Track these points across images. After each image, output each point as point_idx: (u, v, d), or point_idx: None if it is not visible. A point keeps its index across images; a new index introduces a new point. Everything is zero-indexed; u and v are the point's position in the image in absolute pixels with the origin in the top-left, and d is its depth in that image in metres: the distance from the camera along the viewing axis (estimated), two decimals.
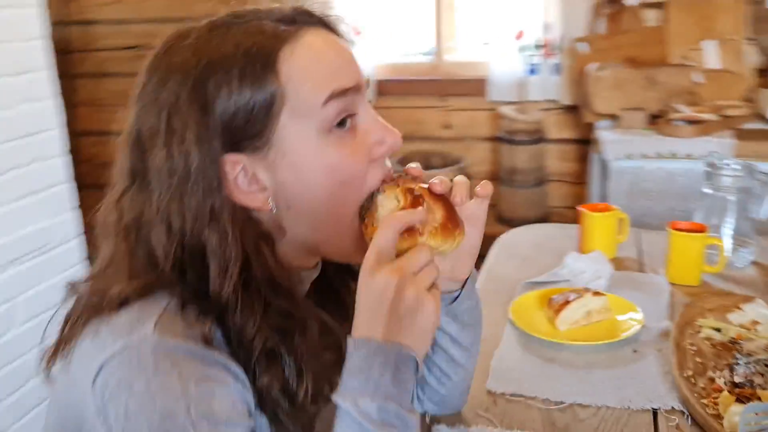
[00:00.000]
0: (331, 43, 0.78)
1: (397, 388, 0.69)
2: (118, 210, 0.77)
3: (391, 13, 3.49)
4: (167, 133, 0.73)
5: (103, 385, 0.66)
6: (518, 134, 2.98)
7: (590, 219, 1.68)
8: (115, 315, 0.70)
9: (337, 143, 0.75)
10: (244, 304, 0.72)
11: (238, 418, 0.67)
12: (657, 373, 1.19)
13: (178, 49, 0.75)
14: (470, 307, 0.96)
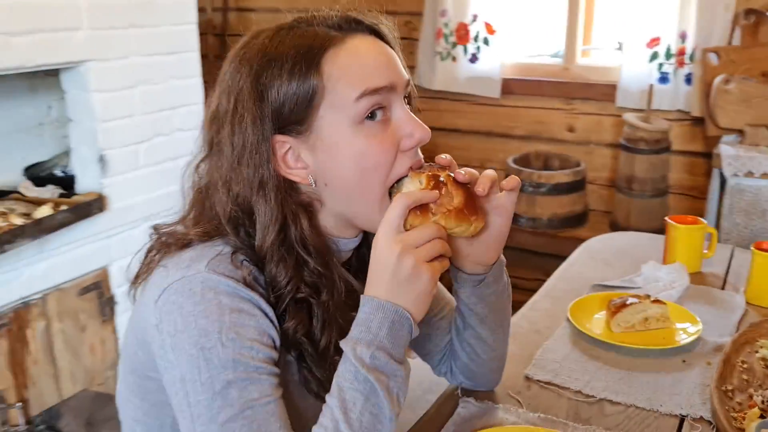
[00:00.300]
0: (371, 47, 0.90)
1: (391, 341, 0.81)
2: (197, 173, 0.95)
3: (524, 14, 3.52)
4: (233, 114, 0.89)
5: (162, 304, 0.83)
6: (639, 142, 2.93)
7: (675, 230, 1.67)
8: (180, 253, 0.88)
9: (368, 134, 0.87)
10: (279, 258, 0.87)
11: (260, 345, 0.82)
12: (698, 384, 1.21)
13: (251, 45, 0.91)
14: (497, 291, 1.04)
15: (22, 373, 1.93)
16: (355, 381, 0.80)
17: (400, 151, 0.90)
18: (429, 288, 0.83)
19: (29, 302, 1.95)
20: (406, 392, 0.83)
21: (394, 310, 0.81)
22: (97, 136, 2.11)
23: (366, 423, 0.79)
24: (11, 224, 1.82)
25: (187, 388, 0.79)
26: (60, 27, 1.93)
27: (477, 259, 1.00)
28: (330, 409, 0.80)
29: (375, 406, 0.79)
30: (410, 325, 0.82)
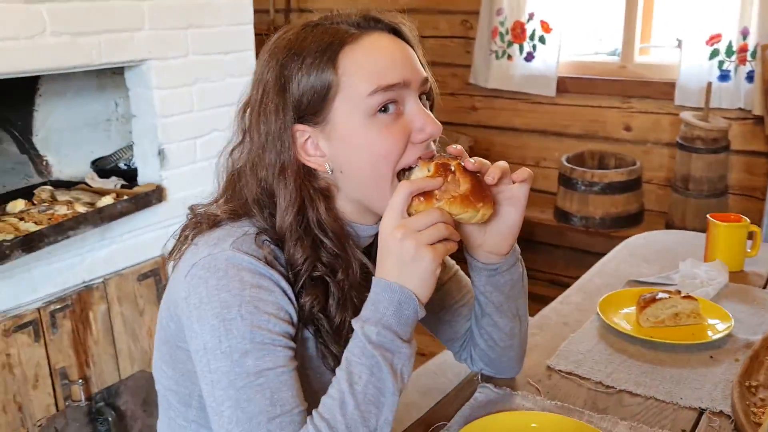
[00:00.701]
0: (388, 44, 0.95)
1: (397, 320, 0.86)
2: (231, 158, 1.02)
3: (581, 12, 3.49)
4: (260, 103, 0.96)
5: (190, 278, 0.90)
6: (696, 141, 2.87)
7: (716, 228, 1.66)
8: (210, 232, 0.95)
9: (379, 125, 0.93)
10: (297, 238, 0.93)
11: (276, 319, 0.88)
12: (723, 380, 1.21)
13: (280, 40, 0.97)
14: (512, 280, 1.07)
15: (84, 352, 2.06)
16: (362, 356, 0.85)
17: (411, 143, 0.94)
18: (431, 268, 0.87)
19: (91, 286, 2.07)
20: (411, 369, 0.88)
21: (400, 291, 0.86)
22: (157, 131, 2.22)
23: (370, 395, 0.84)
24: (75, 212, 1.95)
25: (208, 356, 0.86)
26: (124, 28, 2.05)
27: (491, 249, 1.03)
28: (338, 381, 0.85)
29: (379, 380, 0.84)
30: (416, 306, 0.87)
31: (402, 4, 4.13)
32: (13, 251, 1.71)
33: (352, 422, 0.83)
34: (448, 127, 4.03)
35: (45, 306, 1.95)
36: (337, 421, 0.83)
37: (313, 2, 4.21)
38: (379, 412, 0.84)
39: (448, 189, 0.91)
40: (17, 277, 1.91)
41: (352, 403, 0.83)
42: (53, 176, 2.28)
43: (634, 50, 3.34)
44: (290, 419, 0.84)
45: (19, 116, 2.20)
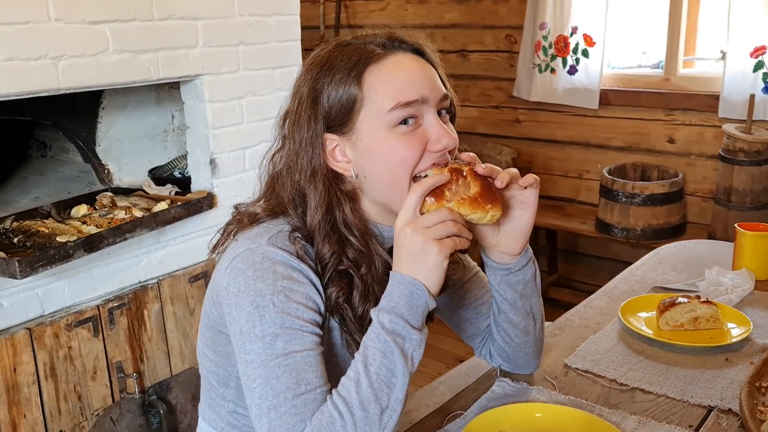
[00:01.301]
0: (410, 64, 1.04)
1: (409, 309, 0.95)
2: (272, 162, 1.13)
3: (625, 26, 3.52)
4: (295, 113, 1.06)
5: (230, 270, 1.01)
6: (738, 153, 2.87)
7: (743, 237, 1.69)
8: (249, 228, 1.06)
9: (399, 136, 1.02)
10: (325, 235, 1.04)
11: (305, 307, 0.98)
12: (736, 381, 1.25)
13: (316, 56, 1.08)
14: (524, 279, 1.15)
15: (138, 347, 2.20)
16: (376, 341, 0.94)
17: (427, 151, 1.03)
18: (439, 261, 0.95)
19: (147, 286, 2.22)
20: (421, 354, 0.96)
21: (412, 282, 0.95)
22: (209, 142, 2.36)
23: (383, 376, 0.93)
24: (133, 216, 2.10)
25: (244, 338, 0.96)
26: (180, 45, 2.19)
27: (504, 250, 1.11)
28: (355, 363, 0.95)
29: (391, 362, 0.93)
30: (426, 296, 0.95)
31: (448, 20, 4.25)
32: (76, 251, 1.86)
33: (365, 399, 0.91)
34: (493, 139, 4.12)
35: (104, 303, 2.09)
36: (352, 398, 0.91)
37: (362, 18, 4.34)
38: (390, 391, 0.93)
39: (458, 191, 0.99)
40: (79, 276, 2.07)
41: (366, 382, 0.92)
42: (114, 184, 2.44)
43: (677, 63, 3.36)
44: (313, 397, 0.94)
45: (84, 128, 2.36)
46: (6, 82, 1.78)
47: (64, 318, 1.99)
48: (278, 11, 2.54)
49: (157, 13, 2.11)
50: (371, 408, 0.91)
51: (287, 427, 0.92)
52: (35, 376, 1.93)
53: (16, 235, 1.98)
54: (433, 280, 0.96)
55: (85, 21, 1.93)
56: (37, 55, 1.84)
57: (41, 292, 1.98)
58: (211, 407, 1.21)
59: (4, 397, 1.86)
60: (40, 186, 2.43)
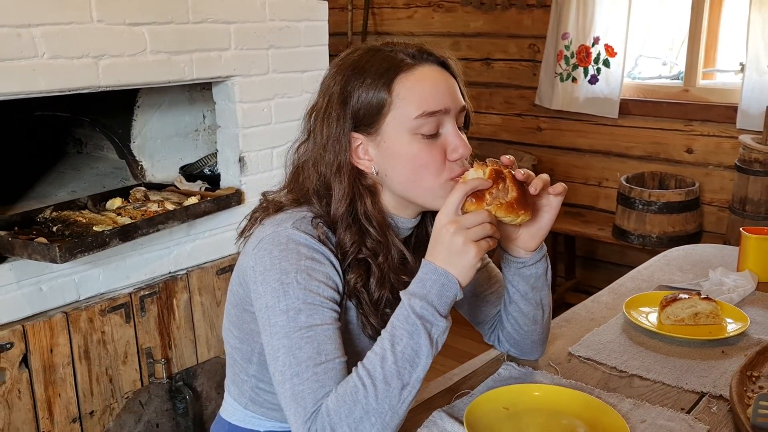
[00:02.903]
0: (436, 76, 1.12)
1: (439, 298, 1.02)
2: (297, 153, 1.22)
3: (646, 37, 3.58)
4: (325, 110, 1.14)
5: (257, 250, 1.10)
6: (753, 164, 2.92)
7: (747, 240, 1.75)
8: (275, 214, 1.15)
9: (421, 142, 1.10)
10: (347, 226, 1.12)
11: (325, 285, 1.07)
12: (729, 371, 1.31)
13: (347, 58, 1.16)
14: (537, 273, 1.23)
15: (167, 335, 2.31)
16: (405, 322, 1.01)
17: (447, 160, 1.12)
18: (474, 262, 1.03)
19: (176, 276, 2.33)
20: (444, 339, 1.03)
21: (445, 275, 1.02)
22: (239, 141, 2.47)
23: (407, 355, 1.00)
24: (165, 209, 2.21)
25: (269, 312, 1.05)
26: (213, 48, 2.31)
27: (521, 245, 1.20)
28: (381, 340, 1.02)
29: (417, 343, 1.00)
30: (456, 289, 1.03)
31: (473, 29, 4.34)
32: (112, 240, 1.97)
33: (389, 374, 0.99)
34: (515, 146, 4.20)
35: (135, 291, 2.21)
36: (377, 372, 0.99)
37: (389, 26, 4.45)
38: (412, 369, 1.00)
39: (498, 196, 1.06)
40: (113, 264, 2.18)
41: (391, 358, 0.99)
42: (147, 179, 2.56)
43: (697, 74, 3.41)
44: (332, 366, 1.03)
45: (119, 125, 2.49)
46: (50, 78, 1.90)
47: (98, 304, 2.10)
48: (307, 17, 2.65)
49: (193, 17, 2.23)
50: (393, 383, 0.99)
51: (309, 392, 1.01)
52: (70, 358, 2.04)
53: (55, 224, 2.10)
54: (465, 277, 1.03)
55: (125, 22, 2.05)
56: (79, 54, 1.96)
57: (78, 279, 2.10)
58: (235, 383, 1.30)
59: (42, 376, 1.97)
60: (76, 180, 2.56)
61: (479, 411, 1.13)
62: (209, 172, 2.63)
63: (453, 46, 4.14)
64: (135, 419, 2.23)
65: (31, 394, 1.96)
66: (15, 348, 1.91)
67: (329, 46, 2.75)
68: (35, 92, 1.88)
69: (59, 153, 2.71)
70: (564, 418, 1.14)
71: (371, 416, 0.98)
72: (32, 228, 2.06)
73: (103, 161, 2.67)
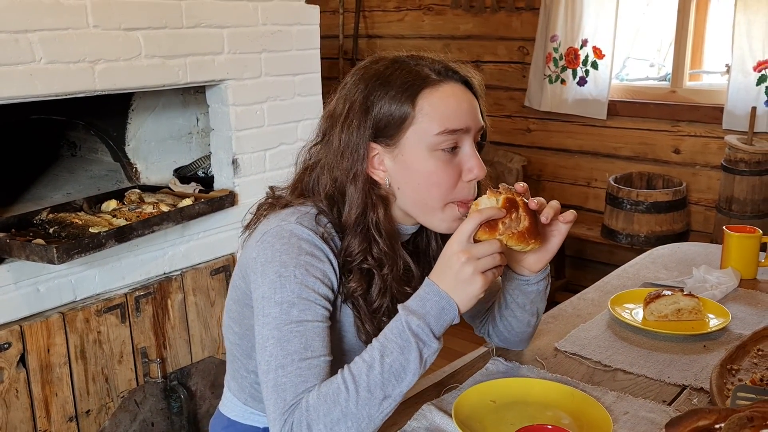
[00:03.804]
0: (459, 95, 1.14)
1: (436, 321, 1.04)
2: (310, 153, 1.24)
3: (633, 39, 3.64)
4: (345, 117, 1.15)
5: (261, 243, 1.12)
6: (739, 164, 2.98)
7: (729, 238, 1.80)
8: (280, 210, 1.17)
9: (438, 159, 1.12)
10: (356, 233, 1.15)
11: (321, 282, 1.10)
12: (710, 364, 1.35)
13: (371, 68, 1.17)
14: (537, 290, 1.27)
15: (162, 335, 2.34)
16: (399, 337, 1.03)
17: (461, 180, 1.14)
18: (479, 292, 1.05)
19: (171, 277, 2.36)
20: (433, 360, 1.05)
21: (447, 300, 1.04)
22: (232, 143, 2.50)
23: (395, 369, 1.02)
24: (160, 211, 2.24)
25: (264, 303, 1.09)
26: (206, 52, 2.35)
27: (527, 266, 1.23)
28: (372, 348, 1.04)
29: (406, 359, 1.02)
30: (455, 315, 1.05)
31: (463, 31, 4.38)
32: (108, 241, 2.01)
33: (373, 383, 1.01)
34: (504, 147, 4.25)
35: (131, 292, 2.24)
36: (362, 378, 1.02)
37: (380, 28, 4.49)
38: (397, 383, 1.02)
39: (511, 226, 1.08)
40: (109, 265, 2.21)
41: (379, 369, 1.02)
42: (141, 182, 2.60)
43: (684, 75, 3.47)
44: (317, 363, 1.06)
45: (114, 128, 2.52)
46: (47, 83, 1.94)
47: (94, 304, 2.14)
48: (299, 21, 2.69)
49: (186, 21, 2.27)
50: (376, 392, 1.01)
51: (291, 385, 1.04)
52: (67, 358, 2.07)
53: (52, 225, 2.13)
54: (467, 305, 1.05)
55: (120, 27, 2.09)
56: (75, 58, 1.99)
57: (74, 279, 2.13)
58: (235, 379, 1.33)
59: (39, 375, 2.00)
60: (71, 183, 2.59)
61: (467, 404, 1.17)
62: (203, 174, 2.66)
63: (443, 49, 4.18)
64: (130, 418, 2.26)
65: (29, 394, 1.99)
66: (12, 348, 1.94)
67: (321, 49, 2.79)
68: (32, 96, 1.92)
69: (54, 156, 2.73)
70: (549, 410, 1.18)
71: (348, 420, 1.00)
72: (29, 230, 2.09)
73: (98, 164, 2.70)
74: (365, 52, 4.50)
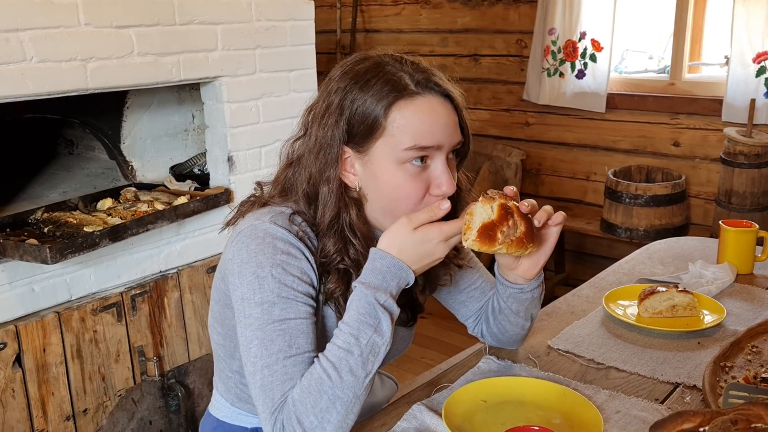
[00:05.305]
0: (436, 110, 1.11)
1: (397, 289, 1.07)
2: (293, 147, 1.22)
3: (632, 31, 3.61)
4: (323, 114, 1.14)
5: (235, 243, 1.12)
6: (738, 156, 2.96)
7: (725, 233, 1.79)
8: (258, 209, 1.17)
9: (406, 172, 1.11)
10: (330, 235, 1.14)
11: (299, 280, 1.09)
12: (704, 362, 1.34)
13: (355, 67, 1.15)
14: (532, 297, 1.27)
15: (159, 333, 2.34)
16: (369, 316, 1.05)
17: (429, 194, 1.13)
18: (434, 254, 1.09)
19: (167, 275, 2.35)
20: None
21: (402, 267, 1.08)
22: (227, 140, 2.50)
23: (372, 346, 1.04)
24: (154, 209, 2.24)
25: (244, 304, 1.08)
26: (200, 49, 2.33)
27: (520, 274, 1.23)
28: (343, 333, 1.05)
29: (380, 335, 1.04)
30: (411, 278, 1.07)
31: (461, 25, 4.36)
32: (102, 240, 2.00)
33: (355, 366, 1.02)
34: (503, 141, 4.23)
35: (127, 291, 2.23)
36: (343, 364, 1.02)
37: (378, 23, 4.46)
38: (376, 359, 1.04)
39: (508, 233, 1.07)
40: (105, 264, 2.21)
41: (358, 351, 1.03)
42: (137, 179, 2.59)
43: (683, 68, 3.44)
44: (302, 359, 1.06)
45: (109, 126, 2.51)
46: (39, 82, 1.93)
47: (90, 303, 2.13)
48: (293, 17, 2.67)
49: (179, 18, 2.25)
50: (359, 373, 1.02)
51: (278, 384, 1.04)
52: (63, 357, 2.07)
53: (47, 225, 2.13)
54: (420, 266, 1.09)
55: (112, 25, 2.08)
56: (67, 57, 1.98)
57: (69, 279, 2.12)
58: (222, 379, 1.33)
59: (35, 375, 2.00)
60: (67, 181, 2.58)
61: (458, 404, 1.17)
62: (199, 171, 2.66)
63: (440, 43, 4.16)
64: (128, 417, 2.26)
65: (25, 393, 1.98)
66: (8, 348, 1.94)
67: (318, 44, 2.78)
68: (24, 96, 1.91)
69: (50, 154, 2.73)
70: (540, 410, 1.18)
71: (337, 404, 1.01)
72: (23, 229, 2.09)
73: (94, 162, 2.70)
74: (363, 47, 4.48)
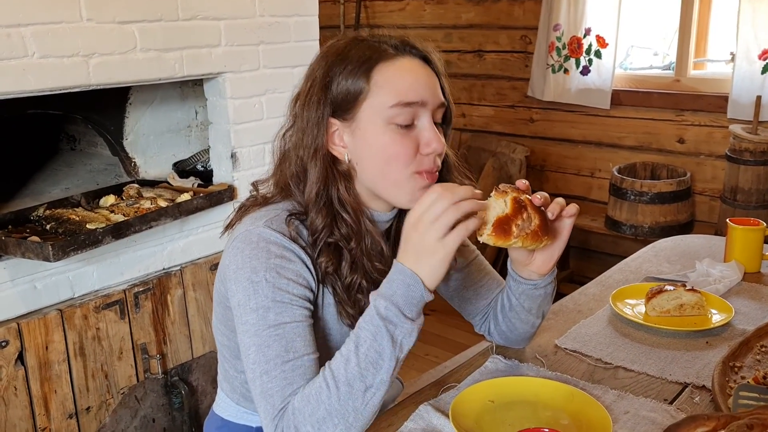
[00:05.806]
0: (416, 69, 1.13)
1: (405, 300, 1.02)
2: (283, 141, 1.22)
3: (637, 27, 3.59)
4: (307, 94, 1.15)
5: (232, 248, 1.11)
6: (744, 153, 2.94)
7: (733, 231, 1.77)
8: (254, 211, 1.16)
9: (394, 133, 1.11)
10: (319, 209, 1.13)
11: (295, 283, 1.08)
12: (713, 362, 1.33)
13: (333, 46, 1.17)
14: (545, 293, 1.26)
15: (162, 330, 2.33)
16: (370, 324, 1.02)
17: (419, 153, 1.12)
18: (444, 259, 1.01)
19: (170, 272, 2.34)
20: (413, 342, 1.03)
21: (411, 276, 1.01)
22: (230, 136, 2.48)
23: (371, 357, 1.00)
24: (158, 206, 2.22)
25: (241, 310, 1.07)
26: (203, 44, 2.32)
27: (534, 269, 1.22)
28: (348, 341, 1.03)
29: (380, 345, 1.01)
30: (422, 290, 1.01)
31: (465, 20, 4.34)
32: (105, 237, 1.99)
33: (351, 376, 1.00)
34: (507, 137, 4.21)
35: (130, 288, 2.22)
36: (340, 373, 1.00)
37: (382, 18, 4.45)
38: (376, 372, 1.00)
39: (523, 227, 1.06)
40: (107, 261, 2.20)
41: (355, 360, 1.00)
42: (140, 176, 2.58)
43: (688, 64, 3.42)
44: (300, 363, 1.04)
45: (112, 122, 2.50)
46: (41, 78, 1.91)
47: (92, 301, 2.12)
48: (297, 12, 2.65)
49: (182, 14, 2.24)
50: (356, 384, 1.00)
51: (277, 389, 1.03)
52: (65, 355, 2.06)
53: (49, 222, 2.12)
54: (433, 276, 1.02)
55: (114, 21, 2.06)
56: (69, 53, 1.97)
57: (72, 276, 2.11)
58: (226, 379, 1.32)
59: (37, 373, 1.99)
60: (69, 177, 2.57)
61: (465, 404, 1.15)
62: (202, 168, 2.64)
63: (445, 38, 4.15)
64: (131, 414, 2.25)
65: (27, 391, 1.98)
66: (10, 346, 1.93)
67: (321, 40, 2.76)
68: (26, 92, 1.89)
69: (52, 150, 2.72)
70: (548, 410, 1.16)
71: (334, 417, 0.99)
72: (26, 226, 2.08)
73: (97, 158, 2.68)
74: None
